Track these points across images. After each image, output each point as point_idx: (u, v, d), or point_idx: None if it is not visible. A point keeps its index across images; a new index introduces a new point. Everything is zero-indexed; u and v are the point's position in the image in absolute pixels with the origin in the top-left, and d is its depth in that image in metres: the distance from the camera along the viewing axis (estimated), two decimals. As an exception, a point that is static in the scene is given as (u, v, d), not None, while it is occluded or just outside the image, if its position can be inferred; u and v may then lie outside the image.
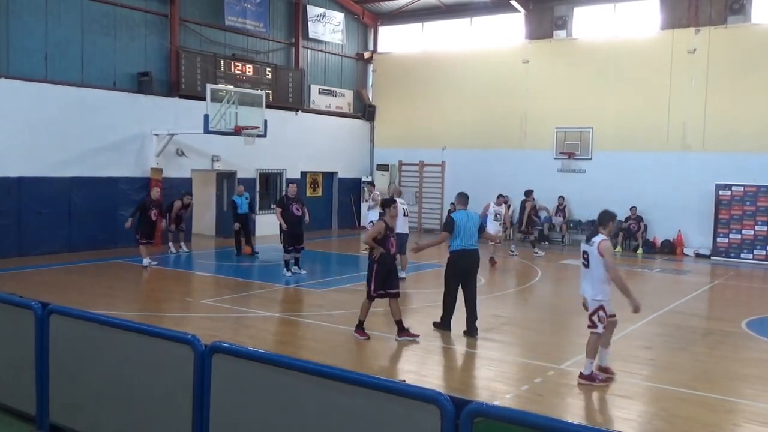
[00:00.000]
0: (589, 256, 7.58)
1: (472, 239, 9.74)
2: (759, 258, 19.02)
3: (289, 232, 14.41)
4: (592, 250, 7.53)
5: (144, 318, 10.10)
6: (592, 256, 7.53)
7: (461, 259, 9.72)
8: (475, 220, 9.94)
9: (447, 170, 24.98)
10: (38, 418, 5.85)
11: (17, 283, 12.50)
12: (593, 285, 7.54)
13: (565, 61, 22.59)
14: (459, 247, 9.71)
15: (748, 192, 19.26)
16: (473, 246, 9.77)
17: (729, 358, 9.06)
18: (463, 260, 9.73)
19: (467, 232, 9.71)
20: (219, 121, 17.52)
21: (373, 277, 9.29)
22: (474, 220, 9.92)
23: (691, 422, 6.70)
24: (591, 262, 7.55)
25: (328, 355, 8.60)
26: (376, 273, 9.28)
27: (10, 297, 6.24)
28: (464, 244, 9.70)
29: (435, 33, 25.83)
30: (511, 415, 3.62)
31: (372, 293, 9.35)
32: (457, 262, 9.76)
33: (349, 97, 26.27)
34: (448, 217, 10.00)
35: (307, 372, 4.32)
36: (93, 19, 17.84)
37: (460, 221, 9.74)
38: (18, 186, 16.19)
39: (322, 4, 24.58)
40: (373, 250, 9.29)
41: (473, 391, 7.44)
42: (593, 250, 7.51)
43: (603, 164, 21.77)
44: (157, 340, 5.11)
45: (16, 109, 16.16)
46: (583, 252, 7.70)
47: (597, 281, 7.51)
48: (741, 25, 19.89)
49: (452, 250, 9.80)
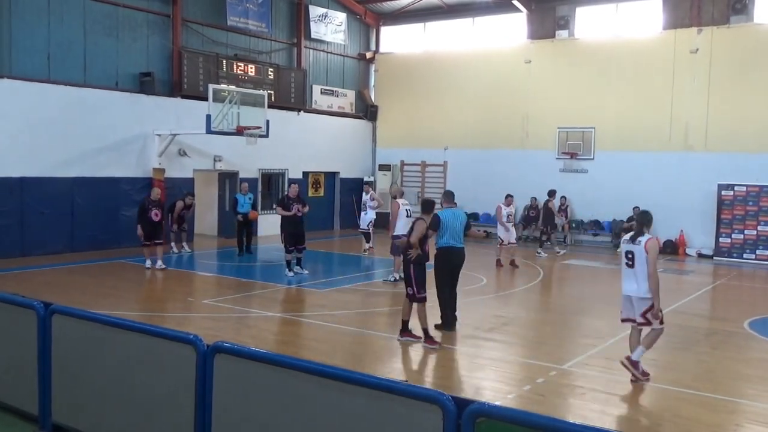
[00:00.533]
0: (635, 255, 7.66)
1: (458, 237, 9.93)
2: (761, 258, 18.99)
3: (291, 233, 14.42)
4: (639, 249, 7.63)
5: (146, 318, 10.11)
6: (639, 255, 7.63)
7: (448, 256, 9.90)
8: (462, 218, 10.09)
9: (449, 170, 24.98)
10: (41, 417, 5.85)
11: (19, 283, 12.51)
12: (640, 283, 7.63)
13: (567, 61, 22.57)
14: (446, 245, 9.88)
15: (750, 192, 19.23)
16: (460, 244, 9.96)
17: (731, 359, 9.04)
18: (450, 257, 9.91)
19: (454, 230, 9.87)
20: (221, 121, 17.53)
21: (414, 279, 9.06)
22: (461, 218, 10.07)
23: (693, 422, 6.69)
24: (636, 261, 7.65)
25: (329, 356, 8.59)
26: (416, 274, 9.08)
27: (13, 297, 6.24)
28: (451, 242, 9.87)
29: (437, 33, 25.82)
30: (513, 416, 3.62)
31: (417, 295, 9.08)
32: (445, 259, 9.94)
33: (351, 97, 26.27)
34: (434, 215, 10.09)
35: (308, 372, 4.32)
36: (95, 20, 17.86)
37: (446, 219, 9.88)
38: (20, 186, 16.21)
39: (324, 4, 24.58)
40: (410, 251, 9.08)
41: (475, 391, 7.43)
42: (640, 249, 7.62)
43: (605, 164, 21.76)
44: (160, 340, 5.12)
45: (18, 109, 16.19)
46: (627, 252, 7.76)
47: (643, 279, 7.59)
48: (743, 24, 19.87)
49: (439, 247, 9.97)
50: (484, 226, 24.07)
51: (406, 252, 9.19)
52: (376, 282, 14.49)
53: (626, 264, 7.77)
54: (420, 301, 9.12)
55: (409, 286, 9.15)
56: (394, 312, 11.01)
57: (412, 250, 9.06)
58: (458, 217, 10.08)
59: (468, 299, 12.66)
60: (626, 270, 7.78)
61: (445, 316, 10.04)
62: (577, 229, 22.21)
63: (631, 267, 7.70)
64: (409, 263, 9.12)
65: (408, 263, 9.14)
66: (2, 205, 15.90)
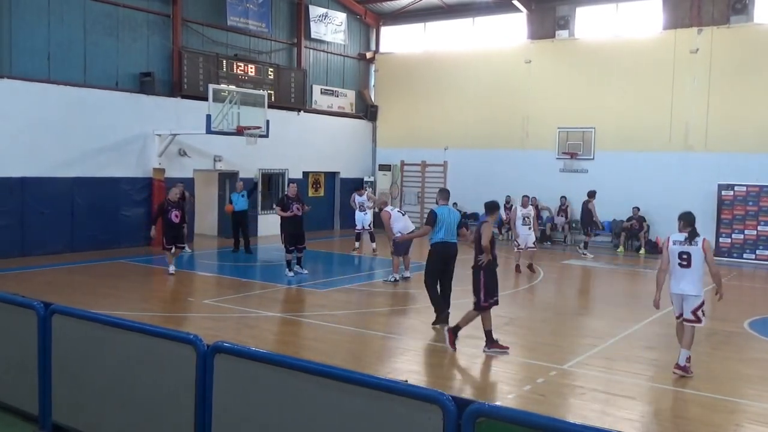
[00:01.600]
0: (691, 256, 8.02)
1: (452, 233, 10.14)
2: (761, 258, 18.99)
3: (291, 233, 14.44)
4: (696, 249, 8.02)
5: (146, 318, 10.10)
6: (697, 255, 8.01)
7: (442, 250, 10.12)
8: (456, 216, 10.32)
9: (449, 170, 24.97)
10: (41, 417, 5.86)
11: (20, 283, 12.51)
12: (695, 283, 8.04)
13: (567, 61, 22.57)
14: (441, 240, 10.08)
15: (750, 192, 19.22)
16: (454, 239, 10.17)
17: (731, 359, 9.04)
18: (444, 252, 10.13)
19: (449, 226, 10.09)
20: (221, 121, 17.54)
21: (484, 286, 8.74)
22: (455, 216, 10.30)
23: (693, 422, 6.69)
24: (694, 261, 8.02)
25: (330, 356, 8.59)
26: (486, 281, 8.76)
27: (13, 297, 6.24)
28: (446, 237, 10.08)
29: (437, 33, 25.81)
30: (514, 416, 3.62)
31: (483, 303, 8.75)
32: (439, 254, 10.15)
33: (351, 97, 26.27)
34: (430, 212, 10.31)
35: (309, 372, 4.32)
36: (95, 20, 17.86)
37: (443, 216, 10.09)
38: (21, 186, 16.21)
39: (324, 4, 24.58)
40: (481, 257, 8.75)
41: (475, 392, 7.43)
42: (698, 249, 8.01)
43: (605, 164, 21.75)
44: (160, 340, 5.12)
45: (18, 109, 16.19)
46: (682, 253, 8.08)
47: (699, 278, 8.05)
48: (744, 24, 19.86)
49: (434, 242, 10.15)
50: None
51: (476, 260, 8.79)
52: (376, 282, 14.49)
53: (680, 264, 8.09)
54: (482, 309, 8.78)
55: (476, 293, 8.77)
56: (394, 312, 11.02)
57: (484, 255, 8.70)
58: (453, 214, 10.33)
59: (468, 299, 12.64)
60: (681, 270, 8.11)
61: (439, 311, 10.20)
62: (577, 229, 22.20)
63: (688, 267, 8.05)
64: (480, 269, 8.77)
65: (479, 269, 8.77)
66: (2, 205, 15.90)
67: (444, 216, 10.10)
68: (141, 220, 18.60)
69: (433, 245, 10.18)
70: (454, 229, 10.18)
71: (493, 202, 9.51)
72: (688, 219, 8.26)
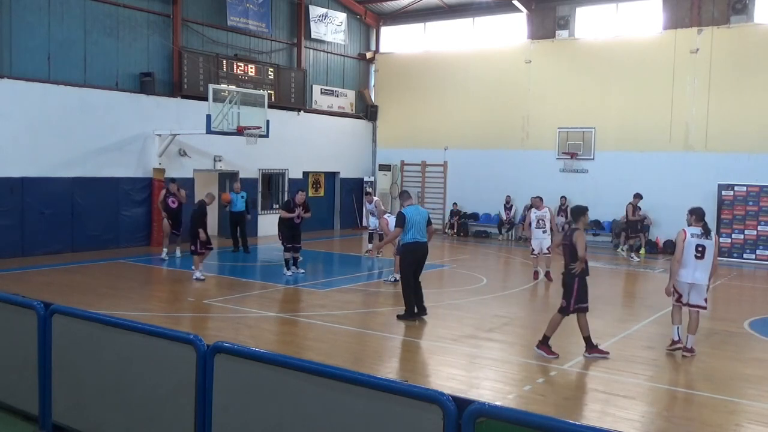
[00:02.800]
0: (706, 248, 8.83)
1: (422, 232, 10.56)
2: (762, 258, 18.99)
3: (287, 233, 14.60)
4: (710, 243, 8.87)
5: (146, 318, 10.10)
6: (710, 248, 8.85)
7: (414, 249, 10.53)
8: (423, 214, 10.72)
9: (449, 170, 24.98)
10: (41, 418, 5.86)
11: (20, 283, 12.52)
12: (707, 272, 8.90)
13: (567, 61, 22.57)
14: (411, 240, 10.51)
15: (750, 192, 19.23)
16: (424, 238, 10.62)
17: (731, 359, 9.04)
18: (416, 250, 10.55)
19: (417, 225, 10.50)
20: (221, 121, 17.54)
21: (576, 291, 8.65)
22: (423, 214, 10.70)
23: (693, 422, 6.69)
24: (707, 254, 8.84)
25: (330, 355, 8.59)
26: (579, 286, 8.68)
27: (13, 297, 6.24)
28: (416, 237, 10.52)
29: (437, 33, 25.81)
30: (514, 416, 3.61)
31: (570, 308, 8.68)
32: (412, 253, 10.55)
33: (351, 97, 26.27)
34: (399, 214, 10.70)
35: (309, 372, 4.32)
36: (95, 20, 17.86)
37: (411, 216, 10.50)
38: (21, 186, 16.21)
39: (324, 4, 24.58)
40: (574, 265, 8.63)
41: (475, 392, 7.43)
42: (712, 243, 8.87)
43: (605, 164, 21.76)
44: (160, 340, 5.12)
45: (18, 109, 16.19)
46: (699, 246, 8.87)
47: (708, 269, 8.90)
48: (744, 24, 19.87)
49: (405, 242, 10.60)
50: (484, 226, 24.19)
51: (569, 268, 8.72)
52: (376, 282, 14.49)
53: (696, 256, 8.86)
54: (567, 314, 8.71)
55: (566, 297, 8.69)
56: (394, 312, 11.02)
57: (578, 264, 8.60)
58: (420, 213, 10.69)
59: (468, 299, 12.68)
60: (695, 261, 8.87)
61: (410, 308, 10.55)
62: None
63: (701, 258, 8.83)
64: (573, 277, 8.67)
65: (572, 276, 8.68)
66: (3, 205, 15.90)
67: (412, 216, 10.50)
68: (141, 220, 18.63)
69: (404, 245, 10.62)
70: (424, 227, 10.60)
71: (581, 207, 9.23)
72: (699, 213, 9.01)
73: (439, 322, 10.76)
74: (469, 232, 24.11)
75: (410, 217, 10.47)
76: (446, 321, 10.82)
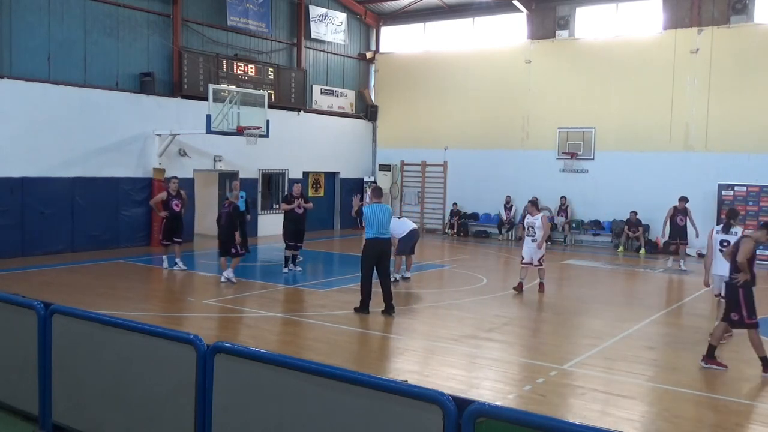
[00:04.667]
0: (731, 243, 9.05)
1: (384, 229, 10.95)
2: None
3: (291, 229, 14.66)
4: (733, 238, 9.21)
5: (146, 318, 10.10)
6: None
7: (375, 246, 10.84)
8: (387, 212, 11.10)
9: (449, 170, 24.99)
10: (41, 418, 5.85)
11: (20, 283, 12.51)
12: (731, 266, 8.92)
13: (567, 61, 22.57)
14: (373, 236, 10.86)
15: (750, 192, 19.22)
16: (385, 235, 11.04)
17: (732, 359, 9.03)
18: (376, 247, 10.85)
19: (379, 222, 10.86)
20: (221, 121, 17.53)
21: (744, 303, 8.32)
22: (387, 212, 11.08)
23: (694, 423, 6.69)
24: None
25: (329, 355, 8.59)
26: (745, 298, 8.32)
27: (13, 297, 6.24)
28: (377, 233, 10.84)
29: (437, 33, 25.81)
30: (514, 416, 3.61)
31: (747, 321, 8.31)
32: (372, 249, 10.86)
33: (351, 97, 26.27)
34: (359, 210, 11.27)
35: (309, 372, 4.32)
36: (96, 20, 17.86)
37: (371, 213, 10.88)
38: (21, 186, 16.21)
39: (324, 4, 24.58)
40: (737, 275, 8.32)
41: (475, 392, 7.43)
42: (735, 238, 9.07)
43: (605, 164, 21.76)
44: (160, 340, 5.11)
45: (18, 109, 16.19)
46: (723, 241, 9.62)
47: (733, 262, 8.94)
48: (744, 24, 19.87)
49: (367, 238, 10.91)
50: (484, 226, 24.20)
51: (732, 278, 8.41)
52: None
53: (721, 251, 9.53)
54: (751, 327, 8.35)
55: (735, 311, 8.35)
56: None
57: (741, 275, 8.27)
58: (384, 211, 11.02)
59: (468, 299, 12.68)
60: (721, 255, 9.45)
61: (365, 300, 10.93)
62: (577, 229, 22.21)
63: None
64: (737, 287, 8.35)
65: (735, 287, 8.36)
66: (3, 205, 15.90)
67: (373, 214, 10.85)
68: (141, 220, 18.63)
69: (366, 241, 10.91)
70: (387, 225, 11.04)
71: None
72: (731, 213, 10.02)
73: (439, 322, 10.76)
74: (469, 232, 24.12)
75: (370, 215, 10.84)
76: (446, 321, 10.82)
